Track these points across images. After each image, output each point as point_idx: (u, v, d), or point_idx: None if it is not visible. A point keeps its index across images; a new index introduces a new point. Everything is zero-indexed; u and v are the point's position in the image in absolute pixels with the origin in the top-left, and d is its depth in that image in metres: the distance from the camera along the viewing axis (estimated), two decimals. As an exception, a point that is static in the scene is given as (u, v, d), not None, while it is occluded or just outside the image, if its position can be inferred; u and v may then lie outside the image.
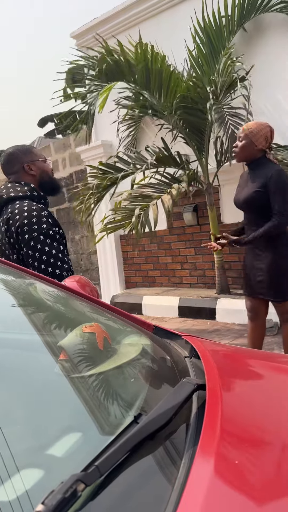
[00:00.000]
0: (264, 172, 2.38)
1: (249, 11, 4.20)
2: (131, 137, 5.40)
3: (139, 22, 5.23)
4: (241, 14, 4.20)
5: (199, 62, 4.37)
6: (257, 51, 4.45)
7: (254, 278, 2.50)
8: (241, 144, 2.43)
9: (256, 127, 2.41)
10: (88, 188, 4.38)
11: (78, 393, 0.76)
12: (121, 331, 1.06)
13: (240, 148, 2.44)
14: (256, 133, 2.39)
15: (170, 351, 0.99)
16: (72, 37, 5.84)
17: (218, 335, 3.99)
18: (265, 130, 2.41)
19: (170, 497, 0.52)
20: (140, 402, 0.74)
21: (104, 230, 4.05)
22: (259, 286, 2.49)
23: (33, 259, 1.62)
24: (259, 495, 0.54)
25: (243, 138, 2.42)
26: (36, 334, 0.97)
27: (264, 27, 4.40)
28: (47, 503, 0.45)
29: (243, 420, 0.71)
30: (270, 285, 2.44)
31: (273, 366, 1.01)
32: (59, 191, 1.91)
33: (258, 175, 2.41)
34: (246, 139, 2.41)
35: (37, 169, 1.82)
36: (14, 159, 1.80)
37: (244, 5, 4.15)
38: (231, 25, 4.25)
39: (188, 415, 0.70)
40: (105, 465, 0.53)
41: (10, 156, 1.82)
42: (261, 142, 2.40)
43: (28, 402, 0.71)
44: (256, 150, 2.42)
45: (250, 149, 2.42)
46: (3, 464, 0.53)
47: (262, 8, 4.17)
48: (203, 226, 5.10)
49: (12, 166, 1.81)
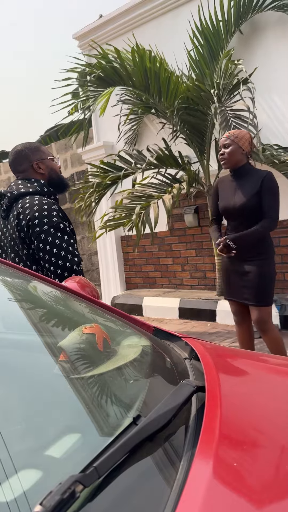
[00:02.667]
0: (255, 177, 2.45)
1: (245, 12, 4.22)
2: (133, 135, 5.40)
3: (141, 24, 5.25)
4: (237, 15, 4.22)
5: (198, 64, 4.39)
6: (255, 52, 4.46)
7: (239, 283, 2.52)
8: (229, 150, 2.48)
9: (239, 133, 2.49)
10: (88, 186, 4.38)
11: (78, 394, 0.76)
12: (121, 332, 1.06)
13: (228, 154, 2.48)
14: (241, 138, 2.46)
15: (170, 353, 0.99)
16: (74, 38, 5.86)
17: (218, 337, 3.99)
18: (247, 135, 2.50)
19: (169, 499, 0.52)
20: (139, 404, 0.74)
21: (104, 227, 4.06)
22: (243, 291, 2.51)
23: (44, 253, 1.62)
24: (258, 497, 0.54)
25: (230, 144, 2.47)
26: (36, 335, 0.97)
27: (261, 27, 4.41)
28: (45, 504, 0.45)
29: (242, 422, 0.71)
30: (256, 290, 2.47)
31: (273, 368, 1.01)
32: (67, 189, 1.91)
33: (250, 180, 2.46)
34: (233, 144, 2.46)
35: (46, 168, 1.82)
36: (23, 157, 1.80)
37: (240, 6, 4.16)
38: (228, 27, 4.27)
39: (187, 417, 0.70)
40: (103, 467, 0.53)
41: (18, 154, 1.81)
42: (246, 146, 2.48)
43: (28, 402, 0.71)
44: (243, 154, 2.48)
45: (238, 154, 2.47)
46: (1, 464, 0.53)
47: (258, 8, 4.18)
48: (204, 228, 5.10)
49: (21, 164, 1.81)
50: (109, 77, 4.23)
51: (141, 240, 5.43)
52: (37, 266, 1.68)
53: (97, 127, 6.02)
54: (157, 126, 5.04)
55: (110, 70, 4.15)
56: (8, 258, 1.76)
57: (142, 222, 3.71)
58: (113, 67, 4.13)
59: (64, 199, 7.17)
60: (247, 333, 2.68)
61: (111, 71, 4.16)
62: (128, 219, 3.86)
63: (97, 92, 4.37)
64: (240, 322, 2.66)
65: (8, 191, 1.76)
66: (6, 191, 1.77)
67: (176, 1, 4.89)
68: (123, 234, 5.88)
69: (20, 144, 1.85)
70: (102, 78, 4.24)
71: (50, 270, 1.62)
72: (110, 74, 4.20)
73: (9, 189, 1.78)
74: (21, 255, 1.69)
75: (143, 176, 4.29)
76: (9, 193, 1.75)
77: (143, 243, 5.65)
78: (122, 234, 5.91)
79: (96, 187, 4.28)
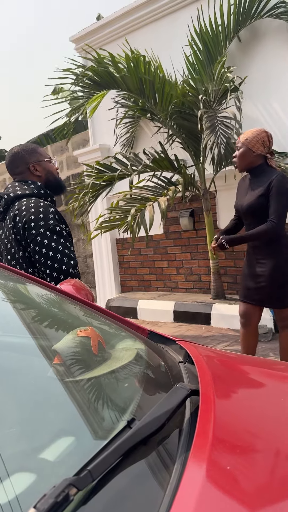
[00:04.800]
0: (266, 178, 2.41)
1: (245, 18, 4.25)
2: (129, 138, 5.42)
3: (139, 27, 5.26)
4: (236, 21, 4.24)
5: (196, 68, 4.41)
6: (253, 57, 4.50)
7: (254, 285, 2.51)
8: (239, 153, 2.46)
9: (251, 134, 2.45)
10: (83, 186, 4.38)
11: (72, 397, 0.76)
12: (116, 335, 1.07)
13: (239, 157, 2.47)
14: (251, 140, 2.42)
15: (165, 356, 0.99)
16: (71, 41, 5.87)
17: (212, 341, 3.99)
18: (261, 135, 2.43)
19: (162, 502, 0.52)
20: (134, 407, 0.75)
21: (99, 229, 4.06)
22: (257, 292, 2.50)
23: (40, 255, 1.61)
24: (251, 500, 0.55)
25: (240, 146, 2.46)
26: (31, 338, 0.96)
27: (260, 33, 4.44)
28: (39, 507, 0.46)
29: (236, 426, 0.72)
30: (271, 292, 2.46)
31: (268, 372, 1.02)
32: (64, 191, 1.91)
33: (261, 181, 2.43)
34: (243, 147, 2.44)
35: (43, 170, 1.82)
36: (19, 159, 1.80)
37: (240, 12, 4.19)
38: (228, 32, 4.30)
39: (181, 421, 0.70)
40: (97, 470, 0.53)
41: (15, 156, 1.81)
42: (258, 148, 2.43)
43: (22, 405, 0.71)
44: (255, 156, 2.44)
45: (248, 156, 2.44)
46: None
47: (257, 15, 4.21)
48: (199, 231, 5.12)
49: (17, 166, 1.81)
50: (104, 80, 4.24)
51: (137, 243, 5.44)
52: (33, 268, 1.68)
53: (93, 130, 6.02)
54: (153, 129, 5.06)
55: (105, 73, 4.16)
56: (4, 260, 1.76)
57: (137, 224, 3.72)
58: (108, 71, 4.14)
59: (60, 201, 7.16)
60: (250, 337, 2.65)
61: (106, 74, 4.17)
62: (123, 221, 3.87)
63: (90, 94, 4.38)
64: (245, 324, 2.63)
65: (4, 193, 1.76)
66: (3, 193, 1.77)
67: (174, 5, 4.92)
68: (118, 236, 5.88)
69: (17, 145, 1.85)
70: (96, 81, 4.25)
71: (46, 273, 1.62)
72: (105, 77, 4.21)
73: (6, 191, 1.78)
74: (17, 258, 1.69)
75: (139, 179, 4.30)
76: (5, 195, 1.75)
77: (138, 246, 5.65)
78: (117, 236, 5.91)
79: (91, 187, 4.28)
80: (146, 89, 4.19)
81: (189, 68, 4.44)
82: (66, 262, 1.62)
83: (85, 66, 4.38)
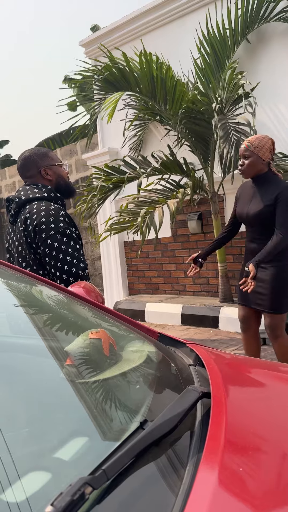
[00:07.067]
0: (272, 187, 2.42)
1: (253, 22, 4.25)
2: (138, 141, 5.43)
3: (147, 32, 5.29)
4: (244, 24, 4.25)
5: (204, 72, 4.42)
6: (261, 62, 4.49)
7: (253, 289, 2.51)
8: (248, 162, 2.44)
9: (259, 141, 2.43)
10: (91, 188, 4.40)
11: (84, 399, 0.77)
12: (127, 337, 1.07)
13: (248, 166, 2.45)
14: (261, 148, 2.42)
15: (175, 359, 1.00)
16: (81, 45, 5.92)
17: (221, 344, 3.98)
18: (268, 143, 2.45)
19: (175, 503, 0.53)
20: (145, 409, 0.75)
21: (109, 231, 4.08)
22: (256, 297, 2.50)
23: (50, 258, 1.63)
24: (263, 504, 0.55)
25: (249, 155, 2.43)
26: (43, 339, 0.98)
27: (267, 37, 4.44)
28: (56, 505, 0.46)
29: (247, 429, 0.72)
30: (270, 297, 2.45)
31: (278, 375, 1.02)
32: (73, 195, 1.93)
33: (267, 189, 2.43)
34: (253, 156, 2.43)
35: (54, 174, 1.84)
36: (31, 163, 1.82)
37: (247, 16, 4.19)
38: (235, 36, 4.30)
39: (193, 423, 0.70)
40: (112, 469, 0.54)
41: (26, 160, 1.83)
42: (267, 156, 2.44)
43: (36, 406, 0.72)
44: (264, 164, 2.45)
45: (258, 165, 2.44)
46: (13, 466, 0.54)
47: (265, 19, 4.21)
48: (207, 234, 5.11)
49: (29, 170, 1.83)
50: (117, 81, 4.26)
51: (145, 245, 5.44)
52: (43, 271, 1.70)
53: (102, 133, 6.06)
54: (162, 132, 5.07)
55: (118, 74, 4.18)
56: (16, 263, 1.78)
57: (146, 225, 3.74)
58: (121, 71, 4.16)
59: (68, 204, 7.20)
60: (252, 341, 2.65)
61: (119, 75, 4.19)
62: (132, 223, 3.88)
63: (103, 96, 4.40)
64: (245, 329, 2.64)
65: (16, 197, 1.78)
66: (14, 196, 1.79)
67: (182, 10, 4.94)
68: (126, 239, 5.90)
69: (29, 149, 1.87)
70: (110, 82, 4.28)
71: (56, 275, 1.64)
72: (118, 78, 4.23)
73: (17, 194, 1.80)
74: (28, 260, 1.71)
75: (147, 181, 4.31)
76: (17, 199, 1.77)
77: (146, 248, 5.66)
78: (125, 239, 5.93)
79: (99, 189, 4.30)
80: (158, 90, 4.21)
81: (197, 72, 4.45)
82: (75, 264, 1.63)
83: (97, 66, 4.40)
